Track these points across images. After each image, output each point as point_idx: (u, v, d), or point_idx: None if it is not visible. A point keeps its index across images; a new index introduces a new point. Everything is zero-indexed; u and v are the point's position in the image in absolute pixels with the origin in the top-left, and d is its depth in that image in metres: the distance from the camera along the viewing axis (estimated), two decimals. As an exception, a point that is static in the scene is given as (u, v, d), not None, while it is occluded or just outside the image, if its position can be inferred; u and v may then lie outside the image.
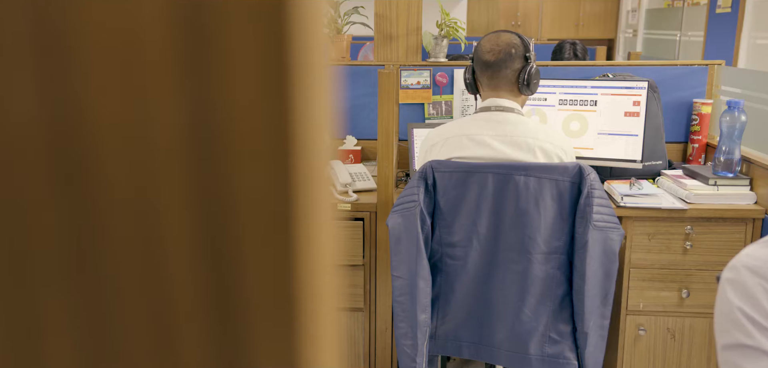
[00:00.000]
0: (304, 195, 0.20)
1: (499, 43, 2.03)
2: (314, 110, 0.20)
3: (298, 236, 0.20)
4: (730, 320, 1.18)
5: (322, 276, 0.22)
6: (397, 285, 1.99)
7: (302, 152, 0.19)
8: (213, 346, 0.22)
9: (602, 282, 1.94)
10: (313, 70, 0.19)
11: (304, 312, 0.21)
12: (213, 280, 0.21)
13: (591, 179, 1.89)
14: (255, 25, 0.17)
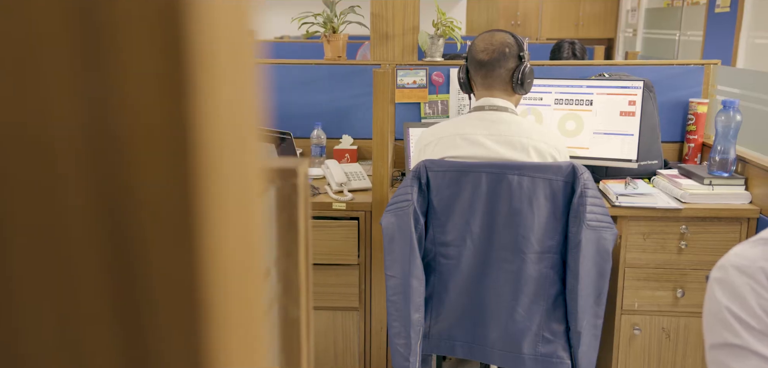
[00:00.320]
0: (209, 195, 0.20)
1: (493, 43, 2.03)
2: (221, 107, 0.19)
3: (202, 238, 0.20)
4: (718, 319, 1.18)
5: (233, 278, 0.22)
6: (390, 285, 1.99)
7: (205, 151, 0.19)
8: (118, 349, 0.21)
9: (596, 281, 1.94)
10: (221, 67, 0.19)
11: (211, 315, 0.21)
12: (116, 282, 0.20)
13: (584, 179, 1.89)
14: (152, 22, 0.17)
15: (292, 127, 3.06)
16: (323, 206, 2.50)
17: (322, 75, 3.05)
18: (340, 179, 2.60)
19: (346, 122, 3.07)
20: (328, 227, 2.47)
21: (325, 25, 2.98)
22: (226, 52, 0.19)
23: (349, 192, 2.57)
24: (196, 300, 0.20)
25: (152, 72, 0.17)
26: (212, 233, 0.20)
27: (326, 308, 2.55)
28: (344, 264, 2.50)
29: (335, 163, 2.69)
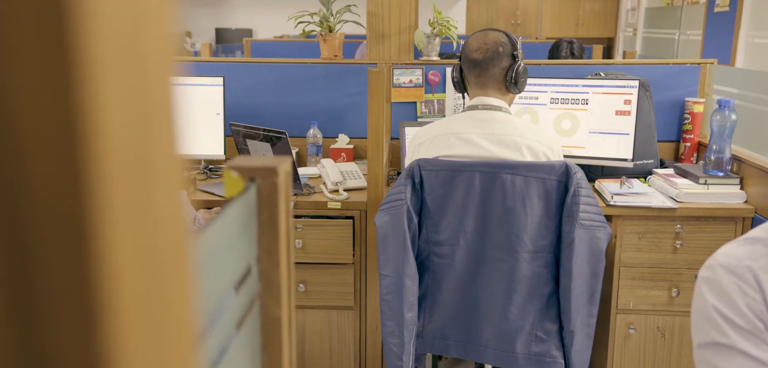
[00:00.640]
0: (103, 193, 0.19)
1: (486, 42, 2.03)
2: (116, 104, 0.19)
3: (96, 237, 0.20)
4: (705, 318, 1.18)
5: (134, 277, 0.22)
6: (384, 284, 1.99)
7: (98, 148, 0.19)
8: (11, 349, 0.21)
9: (589, 280, 1.94)
10: (114, 65, 0.19)
11: (109, 316, 0.21)
12: (8, 281, 0.20)
13: (578, 178, 1.89)
14: (41, 18, 0.17)
15: (289, 126, 3.05)
16: (318, 205, 2.50)
17: (319, 74, 3.05)
18: (336, 178, 2.60)
19: (342, 121, 3.07)
20: (323, 227, 2.47)
21: (322, 25, 2.98)
22: (120, 50, 0.19)
23: (344, 191, 2.57)
24: (92, 299, 0.20)
25: (41, 69, 0.17)
26: (108, 231, 0.19)
27: (321, 307, 2.55)
28: (339, 263, 2.50)
29: (331, 162, 2.69)
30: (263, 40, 7.65)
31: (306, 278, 2.51)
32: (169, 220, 0.23)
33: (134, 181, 0.21)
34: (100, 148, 0.18)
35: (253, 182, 0.72)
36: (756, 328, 1.14)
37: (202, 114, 2.82)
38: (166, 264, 0.23)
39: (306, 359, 2.61)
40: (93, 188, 0.19)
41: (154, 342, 0.23)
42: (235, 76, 3.04)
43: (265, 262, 0.74)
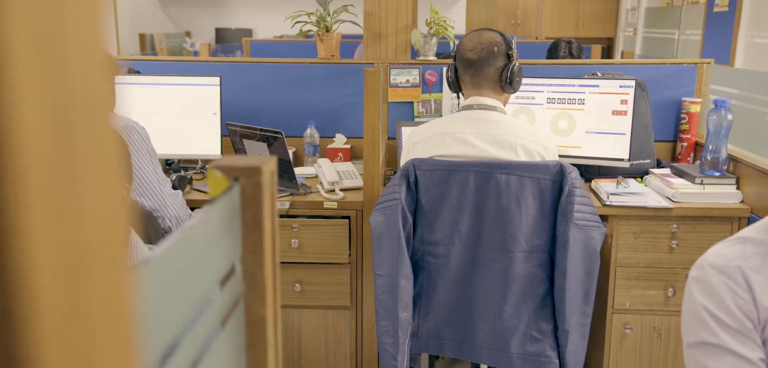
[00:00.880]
0: (18, 192, 0.19)
1: (481, 42, 2.03)
2: (31, 99, 0.19)
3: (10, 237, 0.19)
4: (695, 318, 1.18)
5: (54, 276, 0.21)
6: (379, 283, 1.99)
7: (11, 146, 0.18)
8: None
9: (583, 280, 1.94)
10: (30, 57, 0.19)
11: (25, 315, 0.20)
12: None
13: (572, 178, 1.89)
14: None
15: (286, 126, 3.06)
16: (314, 205, 2.50)
17: (316, 74, 3.05)
18: (332, 177, 2.60)
19: (339, 121, 3.07)
20: (320, 226, 2.47)
21: (319, 24, 2.98)
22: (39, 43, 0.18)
23: (340, 191, 2.57)
24: (10, 301, 0.19)
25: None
26: (26, 231, 0.19)
27: (317, 307, 2.55)
28: (335, 263, 2.50)
29: (328, 162, 2.69)
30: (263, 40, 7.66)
31: (302, 277, 2.52)
32: (97, 221, 0.23)
33: (56, 181, 0.21)
34: (17, 145, 0.18)
35: (237, 182, 0.72)
36: (745, 328, 1.14)
37: (199, 114, 2.82)
38: (94, 266, 0.23)
39: (302, 359, 2.61)
40: (9, 186, 0.18)
41: (78, 345, 0.23)
42: (233, 76, 3.04)
43: (249, 261, 0.74)
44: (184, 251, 0.60)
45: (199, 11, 9.35)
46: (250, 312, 0.75)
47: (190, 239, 0.62)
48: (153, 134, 2.81)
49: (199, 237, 0.63)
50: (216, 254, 0.67)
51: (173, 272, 0.57)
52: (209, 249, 0.65)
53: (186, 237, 0.60)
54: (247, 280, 0.74)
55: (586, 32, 9.58)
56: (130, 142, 1.98)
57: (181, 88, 2.81)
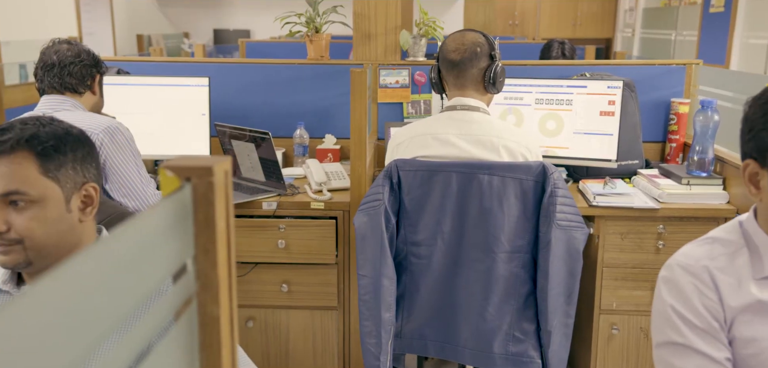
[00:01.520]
0: None
1: (464, 42, 2.03)
2: None
3: None
4: (663, 318, 1.19)
5: None
6: (362, 284, 2.00)
7: None
8: None
9: (566, 280, 1.94)
10: None
11: None
12: None
13: (554, 178, 1.89)
14: None
15: (275, 126, 3.06)
16: (302, 205, 2.50)
17: (305, 75, 3.05)
18: (320, 178, 2.61)
19: (329, 122, 3.07)
20: (306, 227, 2.47)
21: (308, 25, 2.99)
22: None
23: (328, 192, 2.57)
24: None
25: None
26: None
27: (305, 307, 2.56)
28: (322, 264, 2.50)
29: (316, 162, 2.70)
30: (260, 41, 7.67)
31: (289, 278, 2.52)
32: None
33: None
34: None
35: (189, 182, 0.72)
36: (711, 328, 1.14)
37: (188, 115, 2.82)
38: None
39: (290, 359, 2.61)
40: None
41: None
42: (223, 77, 3.05)
43: (201, 261, 0.74)
44: (128, 243, 0.60)
45: (198, 12, 9.37)
46: (204, 311, 0.75)
47: (136, 233, 0.62)
48: (142, 135, 2.81)
49: (146, 233, 0.64)
50: (164, 251, 0.67)
51: (114, 263, 0.57)
52: (156, 245, 0.66)
53: (131, 231, 0.61)
54: (200, 280, 0.74)
55: (584, 33, 9.59)
56: (113, 142, 1.99)
57: (170, 89, 2.81)
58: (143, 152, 2.81)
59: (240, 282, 2.52)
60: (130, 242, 0.61)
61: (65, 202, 1.21)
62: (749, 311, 1.13)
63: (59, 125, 1.22)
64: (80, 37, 6.09)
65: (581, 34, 9.52)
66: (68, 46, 2.08)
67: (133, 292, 0.61)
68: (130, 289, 0.61)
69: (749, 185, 1.21)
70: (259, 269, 2.51)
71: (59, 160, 1.19)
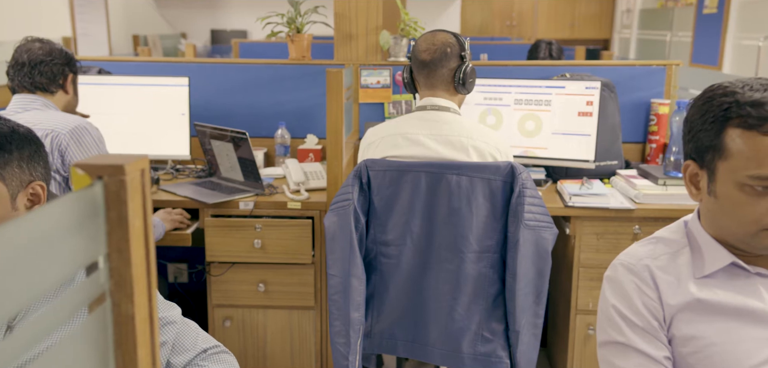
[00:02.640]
0: None
1: (434, 43, 2.04)
2: None
3: None
4: (606, 317, 1.19)
5: None
6: (331, 284, 2.00)
7: None
8: None
9: (535, 280, 1.94)
10: None
11: None
12: None
13: (523, 178, 1.89)
14: None
15: (257, 126, 3.07)
16: (279, 205, 2.51)
17: (287, 75, 3.06)
18: (298, 178, 2.61)
19: (310, 122, 3.08)
20: (283, 227, 2.47)
21: (289, 25, 2.99)
22: None
23: (306, 192, 2.58)
24: None
25: None
26: None
27: (282, 307, 2.56)
28: (299, 263, 2.51)
29: (295, 162, 2.70)
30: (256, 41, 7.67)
31: (266, 278, 2.52)
32: None
33: None
34: None
35: (101, 180, 0.73)
36: (651, 326, 1.14)
37: (168, 114, 2.83)
38: None
39: (267, 359, 2.62)
40: None
41: None
42: (205, 77, 3.06)
43: (115, 260, 0.74)
44: (22, 237, 0.61)
45: (195, 13, 9.38)
46: (118, 310, 0.75)
47: (33, 228, 0.62)
48: (122, 135, 2.82)
49: (45, 228, 0.64)
50: (68, 247, 0.68)
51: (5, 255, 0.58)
52: (58, 241, 0.66)
53: (27, 225, 0.61)
54: (113, 278, 0.75)
55: (581, 34, 9.58)
56: (78, 144, 1.99)
57: (150, 89, 2.82)
58: (123, 152, 2.83)
59: (216, 281, 2.53)
60: (24, 236, 0.61)
61: (11, 200, 1.22)
62: (688, 309, 1.13)
63: (5, 124, 1.23)
64: (74, 38, 6.11)
65: (579, 35, 9.51)
66: (40, 45, 2.09)
67: (29, 285, 0.62)
68: (25, 282, 0.61)
69: (690, 186, 1.21)
70: (235, 269, 2.52)
71: (4, 158, 1.20)
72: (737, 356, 1.09)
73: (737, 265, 1.14)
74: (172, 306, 1.26)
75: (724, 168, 1.10)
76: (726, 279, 1.14)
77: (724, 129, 1.09)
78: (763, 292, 1.12)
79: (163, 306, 1.21)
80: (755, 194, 1.07)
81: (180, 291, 3.16)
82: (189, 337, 1.32)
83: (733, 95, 1.09)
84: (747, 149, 1.06)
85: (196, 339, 1.35)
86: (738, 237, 1.13)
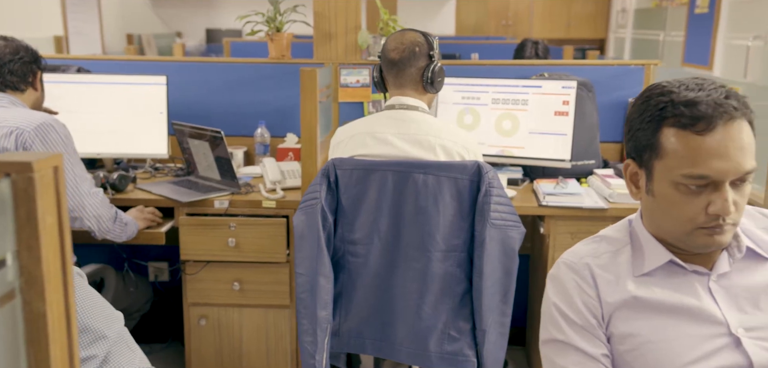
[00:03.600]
0: None
1: (403, 42, 2.04)
2: None
3: None
4: (547, 315, 1.19)
5: None
6: (299, 282, 2.00)
7: None
8: None
9: (501, 279, 1.94)
10: None
11: None
12: None
13: (489, 177, 1.89)
14: None
15: (238, 125, 3.07)
16: (253, 204, 2.51)
17: (267, 74, 3.06)
18: (275, 177, 2.61)
19: (290, 121, 3.07)
20: (258, 226, 2.48)
21: (269, 24, 2.99)
22: None
23: (281, 190, 2.58)
24: None
25: None
26: None
27: (257, 306, 2.56)
28: (274, 262, 2.51)
29: (272, 161, 2.70)
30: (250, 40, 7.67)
31: (241, 276, 2.53)
32: None
33: None
34: None
35: (8, 177, 0.73)
36: (589, 324, 1.14)
37: (147, 113, 2.83)
38: None
39: (243, 357, 2.62)
40: None
41: None
42: (187, 76, 3.06)
43: (25, 257, 0.74)
44: None
45: (190, 12, 9.39)
46: (29, 308, 0.76)
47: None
48: (100, 134, 2.82)
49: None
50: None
51: None
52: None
53: None
54: (23, 276, 0.75)
55: (577, 34, 9.56)
56: (43, 141, 1.99)
57: (128, 88, 2.82)
58: (100, 150, 2.84)
59: (191, 280, 2.53)
60: None
61: None
62: (625, 307, 1.13)
63: None
64: (66, 36, 6.11)
65: (574, 35, 9.49)
66: (5, 43, 2.09)
67: None
68: None
69: (630, 184, 1.21)
70: (210, 267, 2.52)
71: None
72: (672, 353, 1.09)
73: (675, 263, 1.14)
74: (113, 319, 1.18)
75: (660, 167, 1.10)
76: (664, 277, 1.14)
77: (659, 128, 1.09)
78: (700, 290, 1.12)
79: (101, 317, 1.13)
80: (689, 193, 1.07)
81: (160, 290, 3.16)
82: (122, 358, 1.22)
83: (669, 94, 1.09)
84: (681, 148, 1.06)
85: (130, 365, 1.25)
86: (674, 236, 1.13)
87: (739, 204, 1.07)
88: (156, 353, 3.02)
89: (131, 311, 2.80)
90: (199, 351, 2.62)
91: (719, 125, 1.04)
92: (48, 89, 2.73)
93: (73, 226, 2.22)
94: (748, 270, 1.13)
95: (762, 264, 1.14)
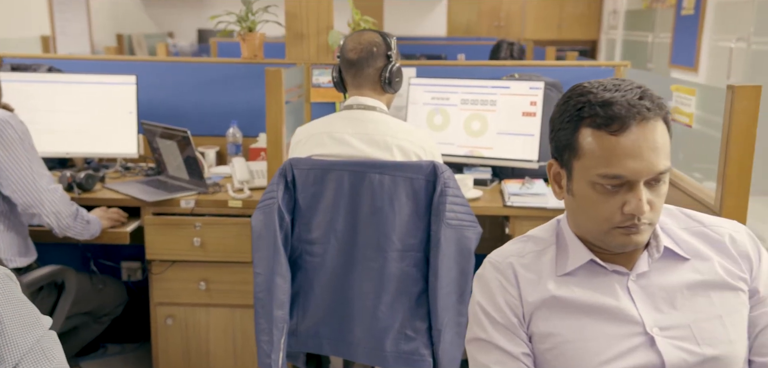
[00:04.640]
0: None
1: (361, 42, 2.04)
2: None
3: None
4: (472, 315, 1.19)
5: None
6: (257, 282, 2.00)
7: None
8: None
9: (457, 279, 1.94)
10: None
11: None
12: None
13: (445, 177, 1.89)
14: None
15: (210, 125, 3.08)
16: (220, 203, 2.51)
17: (239, 74, 3.07)
18: (243, 176, 2.61)
19: (262, 121, 3.05)
20: (224, 225, 2.48)
21: (241, 24, 3.00)
22: None
23: (249, 190, 2.58)
24: None
25: None
26: None
27: (224, 305, 2.56)
28: (240, 262, 2.51)
29: (241, 161, 2.70)
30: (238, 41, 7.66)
31: (207, 276, 2.53)
32: None
33: None
34: None
35: None
36: (511, 323, 1.15)
37: (117, 113, 2.83)
38: None
39: (210, 357, 2.62)
40: None
41: None
42: (155, 76, 3.06)
43: None
44: None
45: (182, 12, 9.39)
46: None
47: None
48: (70, 133, 2.83)
49: None
50: None
51: None
52: None
53: None
54: None
55: (569, 35, 9.56)
56: (1, 137, 2.00)
57: (98, 87, 2.82)
58: (71, 149, 2.84)
59: (157, 279, 2.53)
60: None
61: None
62: (545, 307, 1.13)
63: None
64: (53, 36, 6.11)
65: (566, 36, 9.49)
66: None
67: None
68: None
69: (554, 184, 1.21)
70: (176, 267, 2.52)
71: None
72: (589, 352, 1.09)
73: (596, 263, 1.14)
74: (32, 326, 0.99)
75: (578, 167, 1.10)
76: (585, 277, 1.14)
77: (578, 129, 1.10)
78: (618, 290, 1.12)
79: (18, 324, 0.96)
80: (606, 192, 1.07)
81: (133, 289, 3.16)
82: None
83: (587, 95, 1.10)
84: (597, 148, 1.06)
85: None
86: (593, 235, 1.13)
87: (654, 204, 1.07)
88: (128, 353, 3.03)
89: (102, 312, 2.80)
90: (166, 351, 2.62)
91: (633, 126, 1.04)
92: (18, 88, 2.74)
93: (31, 222, 2.22)
94: (666, 270, 1.13)
95: (680, 264, 1.14)
